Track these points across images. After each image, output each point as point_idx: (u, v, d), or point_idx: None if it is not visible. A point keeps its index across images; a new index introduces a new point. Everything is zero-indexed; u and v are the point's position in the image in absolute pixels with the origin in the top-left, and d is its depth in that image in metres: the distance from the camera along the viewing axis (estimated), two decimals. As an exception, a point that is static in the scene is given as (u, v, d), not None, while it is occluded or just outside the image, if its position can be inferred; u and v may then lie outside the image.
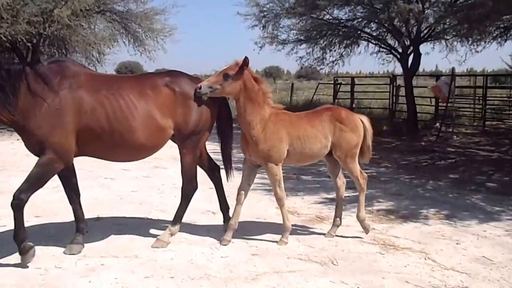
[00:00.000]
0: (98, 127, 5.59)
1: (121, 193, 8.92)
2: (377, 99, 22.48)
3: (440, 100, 17.93)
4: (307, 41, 19.37)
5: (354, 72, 45.72)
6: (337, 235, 6.56)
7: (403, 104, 19.53)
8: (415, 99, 18.55)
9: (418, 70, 19.78)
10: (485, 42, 16.54)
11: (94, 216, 7.28)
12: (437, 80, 18.51)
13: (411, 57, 17.91)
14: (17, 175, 9.88)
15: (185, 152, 6.13)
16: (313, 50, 19.67)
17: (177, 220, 6.33)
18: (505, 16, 13.98)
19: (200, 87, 5.88)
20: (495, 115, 19.85)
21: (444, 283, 5.14)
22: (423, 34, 17.33)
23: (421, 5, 15.07)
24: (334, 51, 19.68)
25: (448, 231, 6.84)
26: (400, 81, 20.30)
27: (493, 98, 21.15)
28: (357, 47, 19.91)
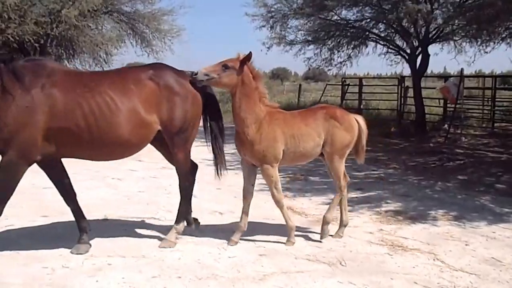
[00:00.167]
0: (75, 127, 5.42)
1: (128, 193, 8.91)
2: (385, 101, 22.42)
3: (449, 101, 17.85)
4: (315, 42, 19.37)
5: (361, 74, 45.64)
6: (345, 235, 6.52)
7: (411, 105, 19.49)
8: (423, 100, 18.51)
9: (426, 72, 19.73)
10: (494, 43, 16.45)
11: (101, 216, 7.27)
12: (445, 81, 18.45)
13: (419, 58, 17.88)
14: (24, 176, 9.87)
15: (176, 150, 6.01)
16: (321, 51, 19.67)
17: (180, 219, 6.28)
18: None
19: (196, 73, 5.76)
20: (504, 117, 19.81)
21: (453, 284, 5.09)
22: (431, 35, 17.30)
23: (429, 5, 15.05)
24: (342, 52, 19.68)
25: (457, 232, 6.79)
26: (408, 82, 20.25)
27: (502, 100, 21.08)
28: (365, 48, 19.90)
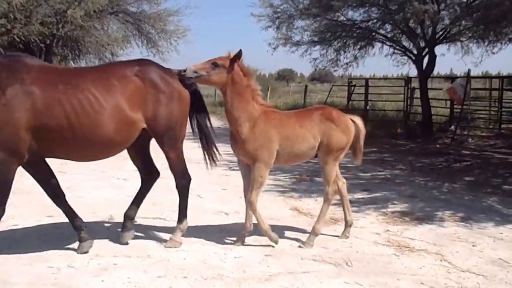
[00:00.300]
0: (56, 125, 5.25)
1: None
2: (391, 102, 22.35)
3: (455, 102, 17.80)
4: (321, 42, 19.33)
5: (368, 75, 45.53)
6: (351, 236, 6.49)
7: (418, 106, 19.42)
8: (430, 101, 18.45)
9: (433, 73, 19.67)
10: (501, 44, 16.42)
11: (107, 216, 7.26)
12: (452, 82, 18.38)
13: (426, 59, 17.83)
14: (29, 176, 9.87)
15: (167, 149, 5.90)
16: (327, 52, 19.65)
17: (182, 217, 6.22)
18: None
19: (185, 69, 5.70)
20: (511, 118, 19.70)
21: (461, 285, 5.05)
22: (438, 35, 17.25)
23: (436, 5, 15.00)
24: (348, 52, 19.66)
25: (464, 233, 6.74)
26: (415, 83, 20.19)
27: (509, 101, 20.97)
28: (372, 48, 19.89)
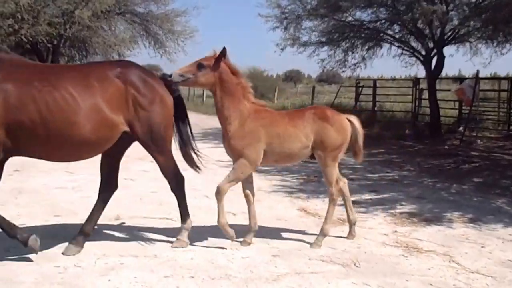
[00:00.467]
0: (30, 122, 5.10)
1: (140, 193, 8.89)
2: (399, 103, 22.27)
3: (464, 103, 17.72)
4: (328, 43, 19.24)
5: (376, 76, 45.34)
6: (359, 237, 6.45)
7: (426, 107, 19.32)
8: (438, 102, 18.36)
9: (441, 74, 19.58)
10: (510, 44, 16.33)
11: (114, 216, 7.25)
12: (461, 83, 18.30)
13: (434, 59, 17.74)
14: (36, 176, 9.95)
15: (155, 154, 5.83)
16: (335, 53, 19.53)
17: (185, 217, 6.16)
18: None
19: (171, 74, 5.68)
20: (519, 119, 19.54)
21: (469, 286, 5.01)
22: (446, 36, 17.15)
23: (445, 6, 14.92)
24: (356, 53, 19.55)
25: (472, 235, 6.70)
26: (423, 84, 20.10)
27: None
28: (380, 49, 19.80)
